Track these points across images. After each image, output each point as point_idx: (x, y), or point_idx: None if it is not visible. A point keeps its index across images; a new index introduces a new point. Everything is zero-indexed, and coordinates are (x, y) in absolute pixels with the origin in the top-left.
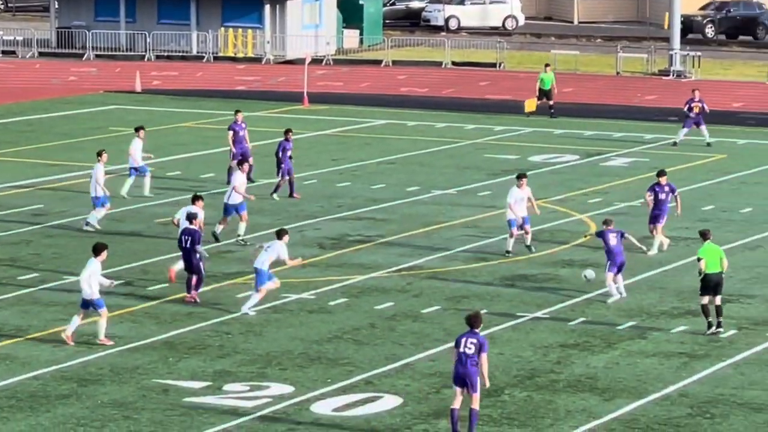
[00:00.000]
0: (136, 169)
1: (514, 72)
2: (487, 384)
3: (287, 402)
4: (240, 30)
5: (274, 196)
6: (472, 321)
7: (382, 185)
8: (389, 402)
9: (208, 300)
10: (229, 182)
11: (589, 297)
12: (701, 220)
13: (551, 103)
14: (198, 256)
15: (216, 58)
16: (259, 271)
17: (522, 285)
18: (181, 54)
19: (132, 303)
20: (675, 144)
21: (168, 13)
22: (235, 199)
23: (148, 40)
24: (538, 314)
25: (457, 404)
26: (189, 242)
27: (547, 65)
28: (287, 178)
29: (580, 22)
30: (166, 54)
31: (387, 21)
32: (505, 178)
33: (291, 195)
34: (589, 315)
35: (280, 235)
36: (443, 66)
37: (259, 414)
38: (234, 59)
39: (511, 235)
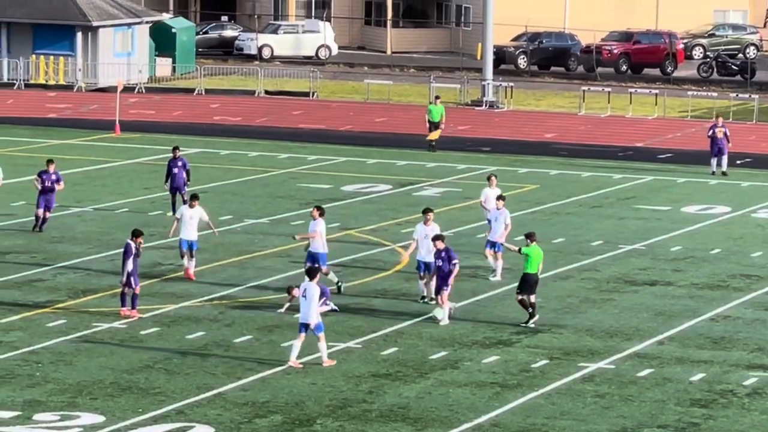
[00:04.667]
0: None
1: (327, 101)
2: None
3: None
4: (51, 57)
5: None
6: None
7: None
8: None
9: (18, 328)
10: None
11: (401, 327)
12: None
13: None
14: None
15: (27, 86)
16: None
17: (335, 315)
18: None
19: None
20: (714, 174)
21: None
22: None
23: None
24: (351, 344)
25: None
26: (123, 254)
27: (437, 97)
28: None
29: (393, 52)
30: None
31: (200, 49)
32: None
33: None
34: (401, 345)
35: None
36: (256, 95)
37: None
38: (45, 87)
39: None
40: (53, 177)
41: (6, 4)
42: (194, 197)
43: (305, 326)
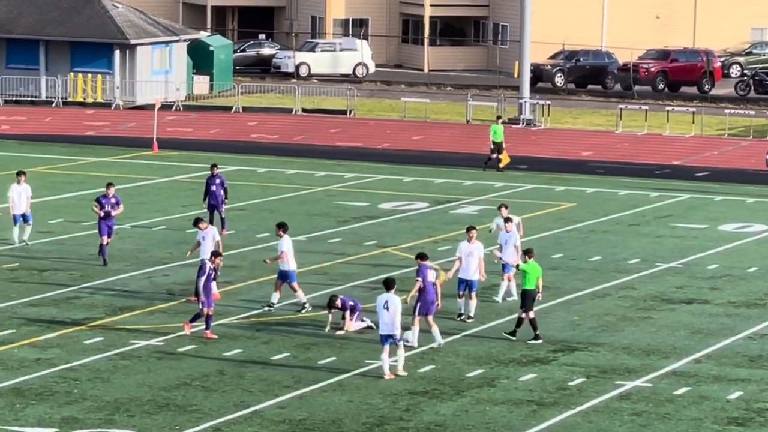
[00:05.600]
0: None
1: (364, 119)
2: None
3: None
4: (89, 75)
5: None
6: None
7: (232, 231)
8: None
9: (55, 345)
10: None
11: (436, 345)
12: (550, 268)
13: (494, 156)
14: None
15: (65, 103)
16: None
17: (371, 333)
18: (29, 99)
19: None
20: None
21: (16, 58)
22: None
23: None
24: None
25: None
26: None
27: (498, 117)
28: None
29: (430, 70)
30: (14, 99)
31: (237, 67)
32: (354, 225)
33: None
34: (438, 362)
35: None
36: (293, 113)
37: None
38: (83, 104)
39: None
40: (113, 201)
41: (44, 22)
42: (199, 220)
43: (389, 337)
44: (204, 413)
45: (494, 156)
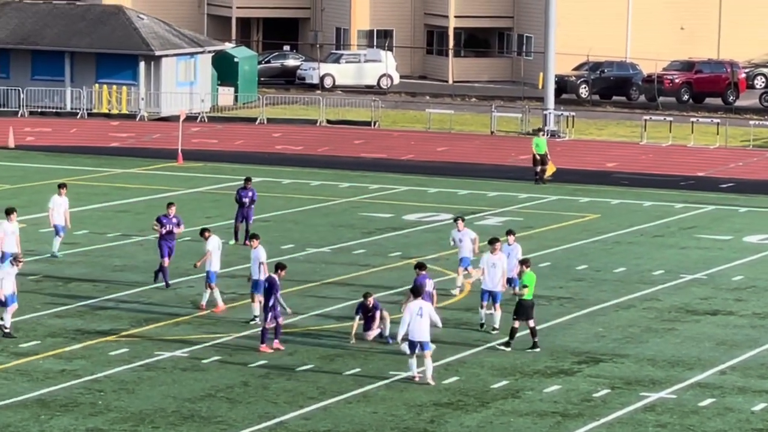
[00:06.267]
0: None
1: (388, 130)
2: None
3: None
4: (114, 87)
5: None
6: None
7: None
8: None
9: (80, 356)
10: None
11: (463, 356)
12: (575, 280)
13: (539, 168)
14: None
15: (90, 115)
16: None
17: (396, 344)
18: (55, 110)
19: (4, 360)
20: None
21: (42, 69)
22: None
23: (21, 95)
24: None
25: None
26: (268, 289)
27: (539, 130)
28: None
29: (454, 82)
30: (39, 110)
31: (262, 79)
32: (379, 236)
33: (245, 242)
34: (462, 374)
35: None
36: (318, 124)
37: None
38: (108, 116)
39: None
40: (174, 221)
41: (70, 33)
42: (205, 229)
43: (419, 344)
44: (229, 425)
45: (540, 168)
